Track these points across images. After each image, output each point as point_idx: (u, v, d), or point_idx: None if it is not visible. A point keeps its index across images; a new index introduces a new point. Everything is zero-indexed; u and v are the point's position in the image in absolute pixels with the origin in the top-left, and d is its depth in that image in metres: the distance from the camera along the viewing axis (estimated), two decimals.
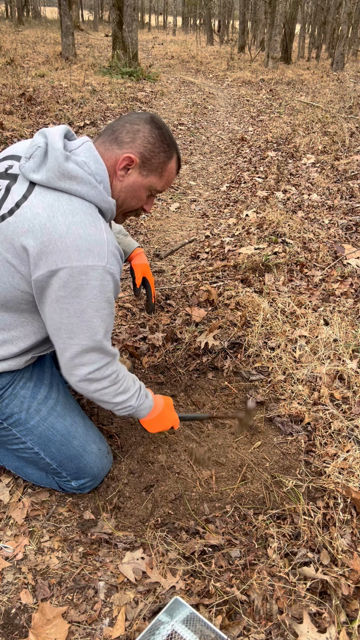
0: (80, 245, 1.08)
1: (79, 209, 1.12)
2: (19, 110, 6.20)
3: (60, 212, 1.10)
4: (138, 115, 1.23)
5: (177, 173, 1.32)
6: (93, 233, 1.11)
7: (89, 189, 1.14)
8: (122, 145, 1.20)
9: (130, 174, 1.22)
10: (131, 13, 10.12)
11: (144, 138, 1.20)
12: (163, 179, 1.27)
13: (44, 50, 12.84)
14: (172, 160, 1.26)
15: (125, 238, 1.75)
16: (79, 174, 1.12)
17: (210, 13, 25.63)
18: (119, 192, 1.24)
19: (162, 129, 1.23)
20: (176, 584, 1.26)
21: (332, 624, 1.16)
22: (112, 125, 1.24)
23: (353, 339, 2.10)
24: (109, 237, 1.14)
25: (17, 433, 1.35)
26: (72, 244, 1.08)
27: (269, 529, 1.37)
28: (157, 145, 1.22)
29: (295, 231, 3.17)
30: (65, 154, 1.13)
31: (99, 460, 1.44)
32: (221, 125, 7.56)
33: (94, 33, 23.77)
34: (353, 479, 1.49)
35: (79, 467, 1.41)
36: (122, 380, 1.30)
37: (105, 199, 1.17)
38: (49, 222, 1.09)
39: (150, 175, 1.24)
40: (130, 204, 1.28)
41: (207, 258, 3.11)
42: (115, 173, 1.21)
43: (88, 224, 1.11)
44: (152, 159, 1.22)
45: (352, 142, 5.44)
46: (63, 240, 1.08)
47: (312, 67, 15.41)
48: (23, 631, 1.17)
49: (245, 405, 1.69)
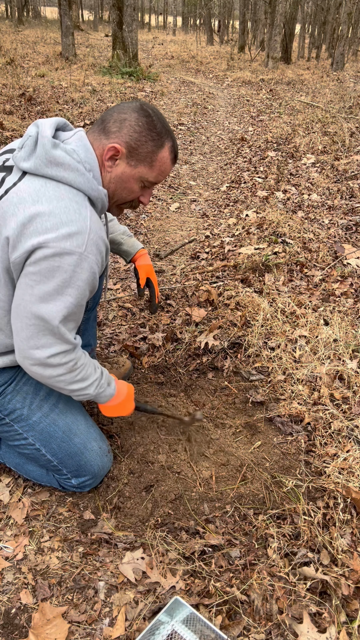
0: (59, 227, 1.07)
1: (65, 195, 1.11)
2: (19, 110, 6.20)
3: (45, 198, 1.09)
4: (128, 104, 1.21)
5: (172, 163, 1.27)
6: (76, 219, 1.09)
7: (76, 176, 1.13)
8: (109, 135, 1.18)
9: (118, 164, 1.20)
10: (131, 13, 10.12)
11: (129, 127, 1.17)
12: (154, 169, 1.23)
13: (44, 50, 12.84)
14: (162, 149, 1.21)
15: (129, 239, 1.74)
16: (67, 161, 1.12)
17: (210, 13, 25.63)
18: (109, 183, 1.23)
19: (152, 117, 1.19)
20: (176, 584, 1.26)
21: (332, 624, 1.16)
22: (102, 115, 1.23)
23: (353, 339, 2.10)
24: (93, 226, 1.12)
25: (18, 429, 1.35)
26: (52, 227, 1.07)
27: (269, 529, 1.37)
28: (144, 134, 1.18)
29: (295, 231, 3.17)
30: (54, 141, 1.13)
31: (100, 459, 1.44)
32: (221, 125, 7.56)
33: (94, 33, 23.77)
34: (353, 479, 1.49)
35: (80, 464, 1.41)
36: (81, 368, 1.26)
37: (94, 187, 1.15)
38: (32, 207, 1.09)
39: (139, 165, 1.21)
40: (122, 196, 1.26)
41: (207, 258, 3.11)
42: (103, 164, 1.20)
43: (72, 210, 1.10)
44: (139, 148, 1.19)
45: (352, 142, 5.44)
46: (44, 223, 1.07)
47: (312, 67, 15.41)
48: (23, 631, 1.17)
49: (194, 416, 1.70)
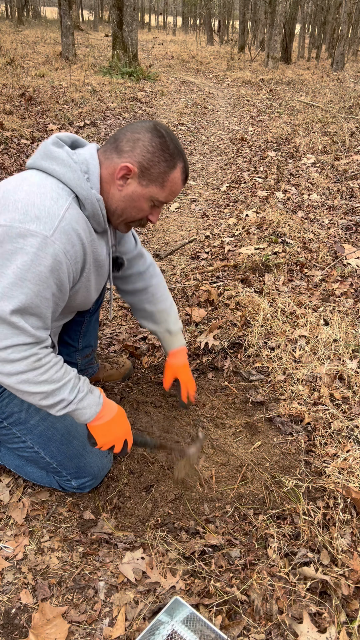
0: (29, 210, 1.04)
1: (49, 185, 1.10)
2: (19, 110, 6.20)
3: (27, 183, 1.09)
4: (141, 124, 1.21)
5: (183, 183, 1.26)
6: (49, 205, 1.06)
7: (66, 170, 1.12)
8: (122, 154, 1.18)
9: (129, 183, 1.19)
10: (131, 13, 10.12)
11: (143, 147, 1.17)
12: (165, 189, 1.22)
13: (44, 50, 12.84)
14: (174, 170, 1.21)
15: (170, 337, 1.68)
16: (60, 156, 1.13)
17: (210, 13, 25.63)
18: (118, 201, 1.21)
19: (165, 137, 1.19)
20: (176, 584, 1.26)
21: (332, 624, 1.16)
22: (115, 134, 1.23)
23: (353, 339, 2.10)
24: (68, 216, 1.08)
25: (17, 432, 1.35)
26: (22, 207, 1.04)
27: (269, 529, 1.37)
28: (157, 154, 1.18)
29: (295, 231, 3.17)
30: (57, 141, 1.15)
31: (99, 460, 1.44)
32: (221, 125, 7.56)
33: (94, 33, 23.77)
34: (353, 479, 1.49)
35: (79, 466, 1.41)
36: (47, 366, 1.13)
37: (84, 185, 1.13)
38: (12, 189, 1.08)
39: (150, 185, 1.20)
40: (131, 214, 1.24)
41: (207, 258, 3.11)
42: (114, 182, 1.19)
43: (48, 197, 1.07)
44: (152, 168, 1.18)
45: (352, 142, 5.44)
46: (16, 203, 1.05)
47: (312, 67, 15.41)
48: (23, 631, 1.17)
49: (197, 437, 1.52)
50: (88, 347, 1.78)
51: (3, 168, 4.66)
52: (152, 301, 1.65)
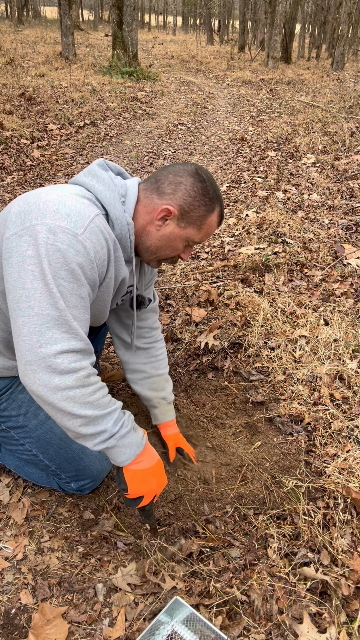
0: (59, 209, 1.02)
1: (82, 195, 1.10)
2: (19, 110, 6.20)
3: (60, 189, 1.09)
4: (183, 167, 1.22)
5: (218, 226, 1.28)
6: (80, 206, 1.05)
7: (104, 188, 1.14)
8: (163, 196, 1.19)
9: (168, 224, 1.21)
10: (131, 13, 10.11)
11: (185, 191, 1.18)
12: (202, 231, 1.24)
13: (44, 50, 12.83)
14: (213, 214, 1.23)
15: (166, 405, 1.65)
16: (103, 176, 1.16)
17: (210, 13, 25.63)
18: (154, 240, 1.23)
19: (206, 182, 1.20)
20: (176, 586, 1.26)
21: (332, 624, 1.16)
22: (156, 174, 1.24)
23: (353, 339, 2.10)
24: (98, 221, 1.06)
25: (15, 435, 1.35)
26: (53, 207, 1.02)
27: (269, 529, 1.37)
28: (197, 199, 1.19)
29: (295, 231, 3.17)
30: (104, 165, 1.19)
31: (99, 462, 1.44)
32: (221, 125, 7.56)
33: (94, 33, 23.76)
34: (353, 479, 1.49)
35: (78, 469, 1.40)
36: (95, 386, 1.05)
37: (118, 206, 1.14)
38: (44, 191, 1.08)
39: (188, 227, 1.21)
40: (166, 252, 1.26)
41: (207, 258, 3.11)
42: (153, 222, 1.21)
43: (79, 202, 1.06)
44: (192, 212, 1.20)
45: (352, 142, 5.44)
46: (47, 203, 1.03)
47: (312, 67, 15.40)
48: (23, 631, 1.17)
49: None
50: (94, 353, 1.78)
51: (3, 168, 4.66)
52: (155, 365, 1.61)
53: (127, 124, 6.98)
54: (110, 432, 1.07)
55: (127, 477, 1.14)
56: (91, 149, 5.62)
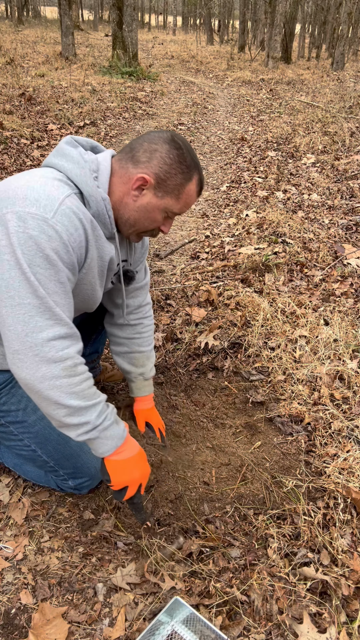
0: (28, 195, 1.00)
1: (52, 177, 1.08)
2: (18, 110, 6.20)
3: (30, 173, 1.08)
4: (158, 134, 1.18)
5: (197, 195, 1.23)
6: (49, 190, 1.03)
7: (73, 166, 1.10)
8: (138, 164, 1.16)
9: (145, 194, 1.17)
10: (131, 13, 10.11)
11: (160, 158, 1.15)
12: (180, 201, 1.19)
13: (43, 50, 12.84)
14: (190, 182, 1.18)
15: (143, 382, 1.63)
16: (72, 154, 1.12)
17: (210, 13, 25.63)
18: (132, 211, 1.19)
19: (182, 149, 1.16)
20: (175, 586, 1.26)
21: (332, 624, 1.16)
22: (131, 143, 1.21)
23: (353, 339, 2.10)
24: (69, 202, 1.04)
25: (14, 430, 1.35)
26: (21, 193, 1.01)
27: (269, 529, 1.37)
28: (174, 166, 1.15)
29: (295, 231, 3.17)
30: (72, 141, 1.15)
31: (97, 461, 1.43)
32: (221, 125, 7.56)
33: (94, 33, 23.76)
34: (353, 479, 1.49)
35: (76, 466, 1.40)
36: (81, 376, 1.07)
37: (90, 183, 1.10)
38: (14, 178, 1.07)
39: (166, 196, 1.17)
40: (144, 225, 1.22)
41: (207, 258, 3.11)
42: (129, 192, 1.17)
43: (49, 185, 1.04)
44: (168, 180, 1.16)
45: (352, 142, 5.44)
46: (15, 190, 1.02)
47: (312, 67, 15.41)
48: (23, 631, 1.17)
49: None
50: (95, 353, 1.77)
51: (3, 168, 4.66)
52: (139, 342, 1.59)
53: (127, 124, 6.98)
54: (94, 424, 1.09)
55: (109, 468, 1.18)
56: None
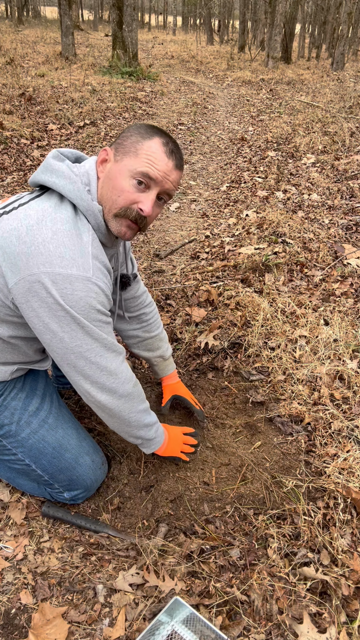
0: (64, 254, 1.04)
1: (70, 218, 1.09)
2: (18, 110, 6.20)
3: (50, 218, 1.07)
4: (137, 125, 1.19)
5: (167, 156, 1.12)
6: (78, 244, 1.07)
7: (66, 183, 1.11)
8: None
9: (107, 166, 1.15)
10: (131, 13, 10.11)
11: (124, 133, 1.15)
12: (140, 156, 1.10)
13: (43, 50, 12.83)
14: (150, 140, 1.11)
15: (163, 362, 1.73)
16: (61, 169, 1.12)
17: (210, 13, 25.62)
18: (101, 190, 1.15)
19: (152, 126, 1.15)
20: (175, 586, 1.26)
21: (332, 624, 1.16)
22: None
23: (353, 339, 2.10)
24: (94, 252, 1.10)
25: (7, 444, 1.33)
26: (55, 251, 1.04)
27: (269, 529, 1.37)
28: (134, 132, 1.13)
29: (295, 231, 3.17)
30: (58, 155, 1.17)
31: (92, 472, 1.42)
32: (221, 125, 7.56)
33: (94, 33, 23.76)
34: (353, 479, 1.49)
35: (71, 479, 1.39)
36: (140, 387, 1.33)
37: (84, 197, 1.11)
38: (36, 225, 1.06)
39: (124, 158, 1.11)
40: (115, 201, 1.12)
41: (207, 258, 3.11)
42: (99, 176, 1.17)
43: (74, 235, 1.07)
44: (124, 142, 1.13)
45: (352, 142, 5.44)
46: (46, 245, 1.04)
47: (312, 67, 15.40)
48: (23, 631, 1.17)
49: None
50: None
51: (3, 168, 4.66)
52: (146, 329, 1.65)
53: (127, 124, 6.97)
54: (155, 420, 1.41)
55: (162, 454, 1.49)
56: (91, 149, 5.62)
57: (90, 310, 1.09)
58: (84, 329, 1.10)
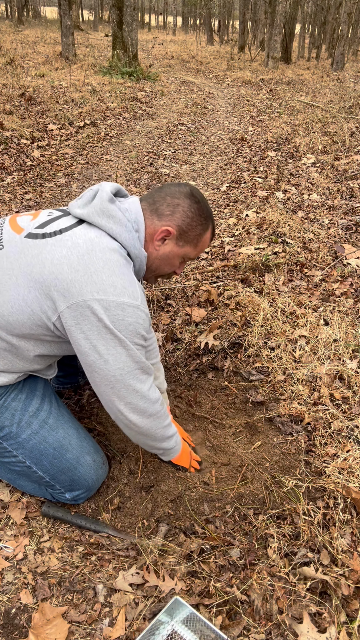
0: (115, 283, 1.14)
1: (116, 250, 1.20)
2: (19, 110, 6.20)
3: (99, 248, 1.17)
4: (179, 189, 1.31)
5: (210, 241, 1.40)
6: (126, 273, 1.19)
7: (123, 230, 1.22)
8: (162, 217, 1.29)
9: (167, 244, 1.31)
10: (131, 13, 10.11)
11: (183, 212, 1.29)
12: (197, 248, 1.36)
13: (44, 50, 12.83)
14: (207, 231, 1.35)
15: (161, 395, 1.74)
16: (118, 215, 1.22)
17: (210, 13, 25.62)
18: (154, 259, 1.34)
19: (201, 203, 1.31)
20: (175, 586, 1.26)
21: (332, 624, 1.16)
22: (152, 194, 1.33)
23: (353, 339, 2.10)
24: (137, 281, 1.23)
25: (8, 446, 1.34)
26: (108, 280, 1.13)
27: (269, 529, 1.37)
28: (195, 219, 1.30)
29: (295, 231, 3.17)
30: (111, 197, 1.25)
31: (94, 472, 1.43)
32: (221, 125, 7.56)
33: (94, 33, 23.76)
34: (353, 479, 1.49)
35: (73, 479, 1.39)
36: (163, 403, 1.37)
37: (137, 246, 1.25)
38: (87, 255, 1.15)
39: (185, 245, 1.34)
40: (164, 270, 1.38)
41: (207, 258, 3.11)
42: (152, 242, 1.30)
43: (122, 265, 1.19)
44: (189, 231, 1.31)
45: (352, 142, 5.44)
46: (99, 274, 1.13)
47: (312, 67, 15.40)
48: (23, 631, 1.17)
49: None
50: None
51: (3, 168, 4.66)
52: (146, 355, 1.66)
53: (127, 124, 6.98)
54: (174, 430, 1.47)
55: (179, 463, 1.56)
56: (91, 149, 5.63)
57: (135, 335, 1.19)
58: (128, 352, 1.19)
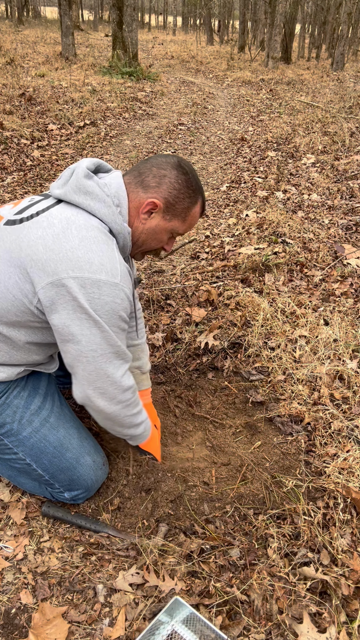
0: (92, 259, 1.09)
1: (95, 226, 1.14)
2: (19, 110, 6.20)
3: (75, 226, 1.12)
4: (166, 159, 1.25)
5: (200, 216, 1.34)
6: (105, 250, 1.12)
7: (102, 206, 1.17)
8: (148, 189, 1.22)
9: (154, 217, 1.25)
10: (131, 13, 10.11)
11: (169, 184, 1.22)
12: (186, 222, 1.29)
13: (44, 50, 12.83)
14: (196, 205, 1.28)
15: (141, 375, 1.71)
16: (95, 191, 1.17)
17: (210, 13, 25.62)
18: (140, 234, 1.27)
19: (189, 174, 1.24)
20: (175, 587, 1.26)
21: (332, 624, 1.16)
22: (139, 166, 1.27)
23: (353, 339, 2.10)
24: (120, 258, 1.16)
25: (9, 443, 1.33)
26: (84, 256, 1.09)
27: (269, 529, 1.37)
28: (182, 191, 1.23)
29: (295, 231, 3.17)
30: (88, 172, 1.19)
31: (93, 472, 1.42)
32: (221, 125, 7.56)
33: (94, 33, 23.76)
34: (353, 479, 1.49)
35: (72, 479, 1.39)
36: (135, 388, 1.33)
37: (118, 221, 1.19)
38: (61, 233, 1.11)
39: (173, 219, 1.26)
40: (151, 245, 1.31)
41: (207, 258, 3.11)
42: (138, 215, 1.24)
43: (101, 241, 1.13)
44: (177, 204, 1.24)
45: (352, 142, 5.44)
46: (74, 251, 1.09)
47: (312, 67, 15.40)
48: (23, 631, 1.17)
49: None
50: None
51: (3, 168, 4.66)
52: (131, 335, 1.63)
53: (127, 124, 6.98)
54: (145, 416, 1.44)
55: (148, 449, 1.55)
56: (91, 149, 5.63)
57: (112, 316, 1.13)
58: (103, 333, 1.13)
